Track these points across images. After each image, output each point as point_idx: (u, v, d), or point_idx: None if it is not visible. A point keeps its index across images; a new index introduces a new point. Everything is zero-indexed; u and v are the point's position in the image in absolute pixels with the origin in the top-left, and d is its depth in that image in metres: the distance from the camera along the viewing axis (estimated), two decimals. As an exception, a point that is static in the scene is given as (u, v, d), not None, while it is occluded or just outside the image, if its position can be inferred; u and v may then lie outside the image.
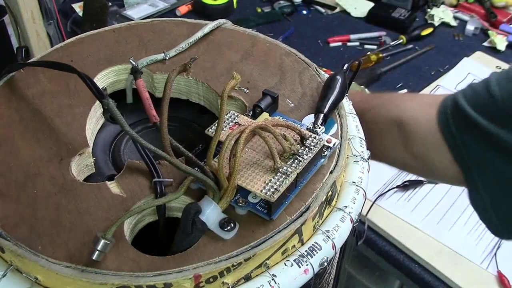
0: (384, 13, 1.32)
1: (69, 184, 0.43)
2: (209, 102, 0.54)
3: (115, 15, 1.34)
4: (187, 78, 0.53)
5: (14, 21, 1.17)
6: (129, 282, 0.36)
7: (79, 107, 0.50)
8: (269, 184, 0.40)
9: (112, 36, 0.58)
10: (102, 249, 0.37)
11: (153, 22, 0.60)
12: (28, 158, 0.45)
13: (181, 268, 0.37)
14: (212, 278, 0.37)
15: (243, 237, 0.39)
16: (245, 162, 0.42)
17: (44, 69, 0.52)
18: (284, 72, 0.54)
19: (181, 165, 0.40)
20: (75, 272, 0.37)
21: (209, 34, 0.58)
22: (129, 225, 0.41)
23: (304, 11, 1.39)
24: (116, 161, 0.51)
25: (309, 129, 0.46)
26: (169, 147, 0.41)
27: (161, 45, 0.56)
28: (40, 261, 0.38)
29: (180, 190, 0.41)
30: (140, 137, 0.39)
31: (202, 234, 0.39)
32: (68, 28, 1.35)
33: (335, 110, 0.49)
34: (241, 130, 0.39)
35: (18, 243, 0.39)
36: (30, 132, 0.47)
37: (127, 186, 0.43)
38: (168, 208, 0.43)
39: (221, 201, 0.40)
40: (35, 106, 0.50)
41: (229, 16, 1.34)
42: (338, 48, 1.25)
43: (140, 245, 0.41)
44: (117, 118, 0.38)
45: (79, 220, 0.40)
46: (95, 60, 0.55)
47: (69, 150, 0.46)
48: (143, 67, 0.53)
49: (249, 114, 0.48)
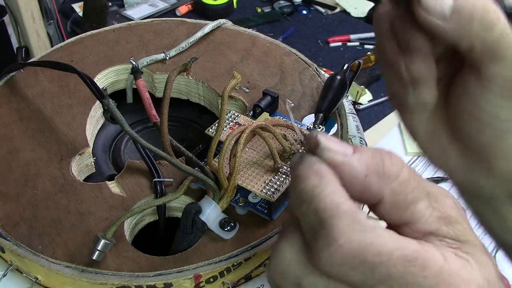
0: (384, 13, 1.32)
1: (69, 184, 0.43)
2: (209, 102, 0.54)
3: (115, 15, 1.34)
4: (188, 78, 0.53)
5: (14, 21, 1.17)
6: (129, 282, 0.36)
7: (79, 107, 0.50)
8: (269, 184, 0.40)
9: (112, 36, 0.58)
10: (102, 249, 0.37)
11: (153, 22, 0.60)
12: (28, 158, 0.45)
13: (181, 268, 0.37)
14: (212, 278, 0.37)
15: (243, 237, 0.39)
16: (245, 162, 0.42)
17: (44, 69, 0.52)
18: (284, 72, 0.54)
19: (181, 165, 0.40)
20: (75, 272, 0.37)
21: (209, 34, 0.58)
22: (129, 225, 0.41)
23: (304, 11, 1.39)
24: (116, 161, 0.51)
25: (309, 129, 0.46)
26: (169, 147, 0.41)
27: (161, 45, 0.56)
28: (40, 261, 0.38)
29: (180, 190, 0.41)
30: (140, 137, 0.39)
31: (202, 234, 0.39)
32: (68, 28, 1.35)
33: (335, 110, 0.49)
34: (241, 130, 0.39)
35: (18, 243, 0.39)
36: (30, 132, 0.47)
37: (127, 186, 0.43)
38: (168, 208, 0.43)
39: (221, 201, 0.40)
40: (35, 106, 0.50)
41: (229, 16, 1.34)
42: (338, 48, 1.25)
43: (141, 245, 0.41)
44: (117, 118, 0.38)
45: (79, 220, 0.40)
46: (95, 60, 0.55)
47: (69, 150, 0.46)
48: (143, 67, 0.53)
49: (249, 114, 0.48)
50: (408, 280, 0.26)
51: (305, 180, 0.28)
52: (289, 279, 0.28)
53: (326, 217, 0.27)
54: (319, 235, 0.26)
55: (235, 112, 0.46)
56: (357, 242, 0.26)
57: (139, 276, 0.37)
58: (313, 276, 0.28)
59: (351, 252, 0.26)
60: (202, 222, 0.39)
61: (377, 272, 0.26)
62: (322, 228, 0.26)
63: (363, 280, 0.26)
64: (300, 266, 0.28)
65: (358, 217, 0.27)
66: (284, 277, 0.28)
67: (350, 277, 0.26)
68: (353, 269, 0.26)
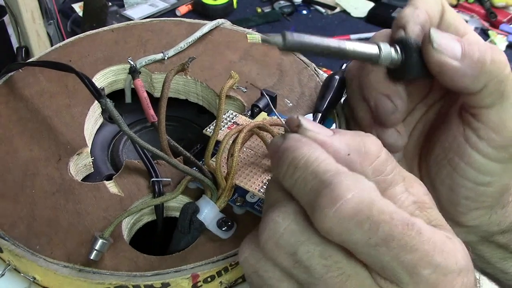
0: (384, 13, 1.32)
1: (67, 183, 0.43)
2: (207, 102, 0.54)
3: (115, 15, 1.34)
4: (186, 78, 0.53)
5: (14, 21, 1.17)
6: (126, 281, 0.36)
7: (78, 107, 0.50)
8: (267, 184, 0.39)
9: (111, 36, 0.58)
10: (100, 248, 0.37)
11: (151, 22, 0.60)
12: (26, 158, 0.45)
13: (179, 267, 0.37)
14: (210, 277, 0.37)
15: (241, 236, 0.39)
16: (243, 161, 0.42)
17: (43, 69, 0.52)
18: (283, 71, 0.54)
19: (179, 165, 0.40)
20: (73, 271, 0.37)
21: (208, 34, 0.58)
22: (127, 225, 0.41)
23: (304, 11, 1.39)
24: (114, 161, 0.51)
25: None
26: (167, 147, 0.41)
27: (160, 45, 0.56)
28: (38, 261, 0.38)
29: (178, 189, 0.41)
30: (139, 136, 0.39)
31: (199, 233, 0.39)
32: (68, 28, 1.36)
33: (333, 110, 0.49)
34: (239, 129, 0.39)
35: (16, 243, 0.39)
36: (28, 132, 0.47)
37: (125, 186, 0.43)
38: (166, 207, 0.43)
39: (219, 200, 0.40)
40: (33, 106, 0.50)
41: (229, 16, 1.34)
42: (338, 48, 1.25)
43: (138, 244, 0.41)
44: (114, 118, 0.38)
45: (77, 220, 0.40)
46: (94, 60, 0.55)
47: (68, 149, 0.46)
48: (141, 67, 0.53)
49: (247, 113, 0.48)
50: (408, 242, 0.26)
51: (296, 150, 0.28)
52: (284, 249, 0.28)
53: (328, 176, 0.27)
54: (322, 194, 0.26)
55: (233, 112, 0.46)
56: (363, 198, 0.26)
57: (136, 275, 0.37)
58: (309, 244, 0.28)
59: (358, 207, 0.26)
60: (199, 222, 0.39)
61: (381, 230, 0.26)
62: (325, 187, 0.26)
63: (366, 239, 0.26)
64: (295, 235, 0.28)
65: (360, 177, 0.27)
66: (279, 247, 0.28)
67: (353, 236, 0.26)
68: (358, 226, 0.26)
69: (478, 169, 0.37)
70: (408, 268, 0.26)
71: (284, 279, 0.29)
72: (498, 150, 0.36)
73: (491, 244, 0.44)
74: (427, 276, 0.26)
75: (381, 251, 0.26)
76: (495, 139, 0.36)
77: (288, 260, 0.28)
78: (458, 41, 0.35)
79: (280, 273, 0.29)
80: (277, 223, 0.28)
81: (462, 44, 0.34)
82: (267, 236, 0.28)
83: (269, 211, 0.29)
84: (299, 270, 0.28)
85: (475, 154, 0.36)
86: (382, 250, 0.26)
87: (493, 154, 0.36)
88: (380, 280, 0.27)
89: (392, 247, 0.26)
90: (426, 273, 0.26)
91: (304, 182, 0.27)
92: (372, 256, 0.26)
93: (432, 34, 0.34)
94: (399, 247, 0.26)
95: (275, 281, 0.29)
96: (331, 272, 0.27)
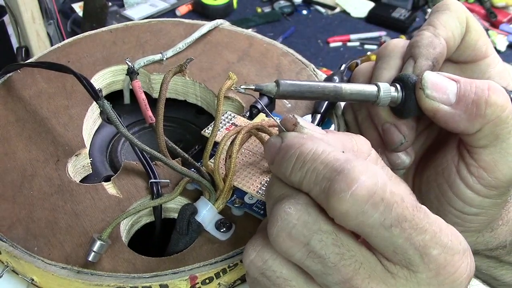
0: (384, 13, 1.32)
1: (66, 185, 0.43)
2: (206, 102, 0.54)
3: (115, 15, 1.34)
4: (185, 79, 0.53)
5: (14, 21, 1.17)
6: (124, 283, 0.36)
7: (76, 108, 0.50)
8: (265, 185, 0.39)
9: (110, 36, 0.58)
10: (98, 250, 0.37)
11: (150, 23, 0.60)
12: (24, 159, 0.45)
13: (177, 269, 0.37)
14: (208, 279, 0.37)
15: (240, 238, 0.39)
16: (241, 163, 0.42)
17: (41, 70, 0.52)
18: (282, 72, 0.54)
19: (177, 166, 0.40)
20: (71, 273, 0.37)
21: (207, 34, 0.58)
22: (125, 226, 0.41)
23: (304, 11, 1.39)
24: (113, 162, 0.51)
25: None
26: (164, 148, 0.41)
27: (158, 46, 0.56)
28: (36, 262, 0.38)
29: (176, 191, 0.41)
30: (138, 138, 0.39)
31: (198, 235, 0.39)
32: (68, 28, 1.36)
33: (332, 111, 0.49)
34: (237, 131, 0.39)
35: (14, 244, 0.39)
36: (26, 133, 0.47)
37: (124, 187, 0.43)
38: (165, 209, 0.43)
39: (217, 202, 0.40)
40: (32, 107, 0.50)
41: (229, 16, 1.34)
42: (338, 48, 1.25)
43: (137, 246, 0.41)
44: (112, 119, 0.38)
45: (75, 221, 0.40)
46: (92, 60, 0.55)
47: (66, 151, 0.46)
48: (140, 68, 0.53)
49: (246, 115, 0.48)
50: (418, 224, 0.27)
51: (301, 146, 0.30)
52: (298, 239, 0.28)
53: (340, 164, 0.28)
54: (336, 180, 0.27)
55: (232, 113, 0.46)
56: (376, 181, 0.27)
57: (134, 277, 0.37)
58: (321, 233, 0.28)
59: (373, 188, 0.27)
60: (197, 223, 0.39)
61: (394, 211, 0.27)
62: (339, 174, 0.27)
63: (381, 221, 0.27)
64: (308, 225, 0.28)
65: (368, 163, 0.28)
66: (292, 238, 0.29)
67: (369, 218, 0.27)
68: (373, 207, 0.27)
69: (465, 201, 0.38)
70: (420, 249, 0.27)
71: (292, 278, 0.30)
72: (488, 188, 0.37)
73: (478, 255, 0.44)
74: (436, 256, 0.27)
75: (395, 232, 0.27)
76: (485, 178, 0.36)
77: (301, 251, 0.28)
78: (455, 81, 0.35)
79: (288, 272, 0.30)
80: (289, 214, 0.29)
81: (458, 86, 0.34)
82: (280, 228, 0.29)
83: (278, 204, 0.29)
84: (312, 261, 0.28)
85: (464, 188, 0.37)
86: (396, 231, 0.27)
87: (482, 190, 0.37)
88: (390, 266, 0.28)
89: (404, 228, 0.27)
90: (436, 253, 0.27)
91: (315, 173, 0.28)
92: (386, 239, 0.27)
93: (424, 78, 0.34)
94: (410, 228, 0.27)
95: (282, 281, 0.30)
96: (344, 260, 0.28)
